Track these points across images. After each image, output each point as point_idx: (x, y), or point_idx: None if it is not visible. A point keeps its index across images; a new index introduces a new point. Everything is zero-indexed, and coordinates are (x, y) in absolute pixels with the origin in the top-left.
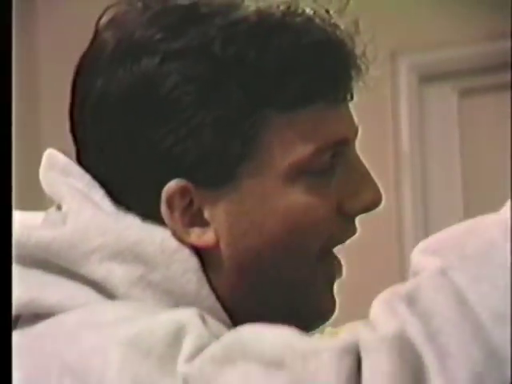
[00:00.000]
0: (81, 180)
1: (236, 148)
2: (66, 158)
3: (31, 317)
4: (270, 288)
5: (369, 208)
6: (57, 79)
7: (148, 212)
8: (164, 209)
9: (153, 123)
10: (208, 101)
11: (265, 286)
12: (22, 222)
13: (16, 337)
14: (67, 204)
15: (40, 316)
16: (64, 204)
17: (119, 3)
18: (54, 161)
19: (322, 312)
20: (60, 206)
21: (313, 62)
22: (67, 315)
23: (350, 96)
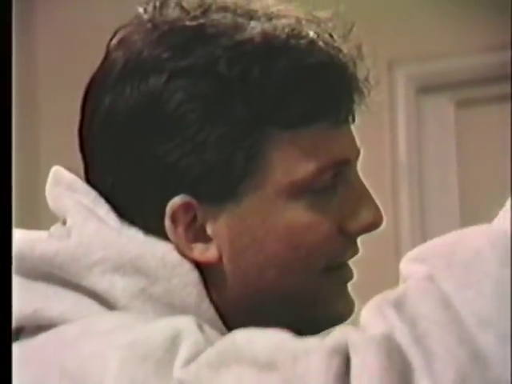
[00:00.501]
0: (86, 196)
1: (239, 164)
2: (72, 175)
3: (34, 328)
4: (273, 302)
5: (369, 229)
6: (56, 91)
7: (151, 226)
8: (168, 224)
9: (158, 139)
10: (212, 118)
11: (267, 301)
12: (26, 235)
13: (18, 347)
14: (72, 218)
15: (42, 328)
16: (69, 218)
17: (130, 24)
18: (60, 177)
19: (338, 315)
20: (65, 221)
21: (315, 82)
22: (68, 326)
23: (352, 118)
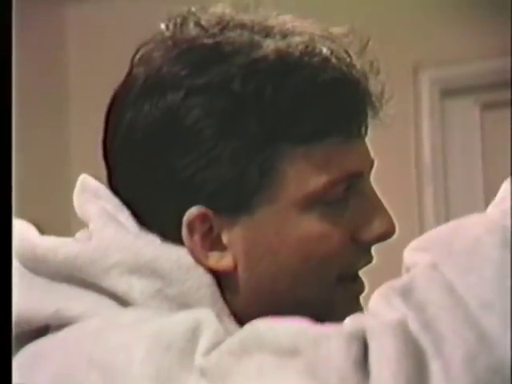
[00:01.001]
0: (109, 202)
1: (252, 178)
2: (97, 182)
3: (58, 327)
4: (286, 312)
5: (381, 239)
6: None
7: (169, 234)
8: (185, 233)
9: (176, 153)
10: (227, 134)
11: (280, 310)
12: (50, 241)
13: (41, 343)
14: (93, 223)
15: (65, 326)
16: (91, 223)
17: (151, 40)
18: (86, 185)
19: None
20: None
21: (327, 99)
22: (89, 320)
23: (365, 131)
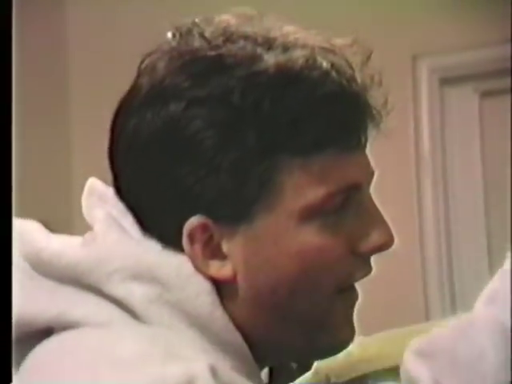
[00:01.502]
0: (115, 207)
1: (251, 189)
2: (104, 187)
3: (60, 330)
4: (285, 320)
5: (380, 250)
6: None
7: (170, 240)
8: (185, 242)
9: (177, 162)
10: (227, 145)
11: (280, 318)
12: (56, 243)
13: (47, 344)
14: (97, 227)
15: (67, 329)
16: (95, 227)
17: (157, 50)
18: (94, 188)
19: (339, 342)
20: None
21: (326, 112)
22: (89, 337)
23: (365, 142)
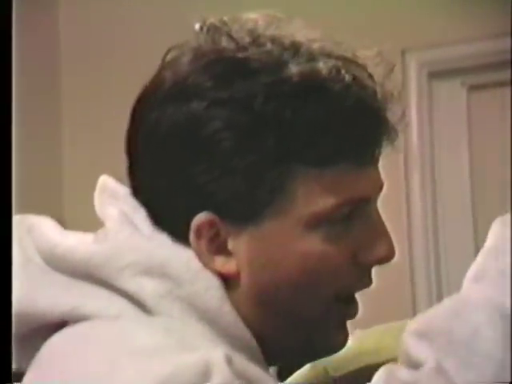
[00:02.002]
0: (126, 203)
1: (263, 193)
2: (116, 183)
3: (74, 323)
4: (285, 319)
5: (382, 261)
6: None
7: (179, 235)
8: (192, 236)
9: (192, 160)
10: (243, 149)
11: (280, 317)
12: (69, 239)
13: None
14: (109, 223)
15: (79, 322)
16: (107, 223)
17: (182, 45)
18: (106, 186)
19: (332, 346)
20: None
21: (345, 126)
22: (105, 328)
23: (378, 157)
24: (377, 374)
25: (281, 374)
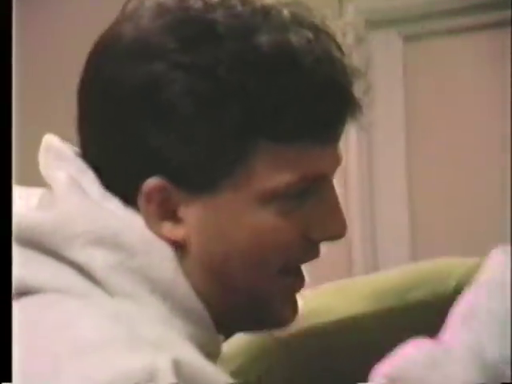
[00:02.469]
0: (72, 165)
1: (221, 164)
2: (61, 143)
3: (20, 295)
4: (235, 291)
5: (332, 239)
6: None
7: (130, 199)
8: (142, 200)
9: (148, 122)
10: (204, 116)
11: (230, 288)
12: (17, 206)
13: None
14: (57, 188)
15: (26, 294)
16: (54, 187)
17: None
18: (50, 145)
19: (281, 320)
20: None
21: (312, 103)
22: (49, 311)
23: (340, 135)
24: None
25: None
